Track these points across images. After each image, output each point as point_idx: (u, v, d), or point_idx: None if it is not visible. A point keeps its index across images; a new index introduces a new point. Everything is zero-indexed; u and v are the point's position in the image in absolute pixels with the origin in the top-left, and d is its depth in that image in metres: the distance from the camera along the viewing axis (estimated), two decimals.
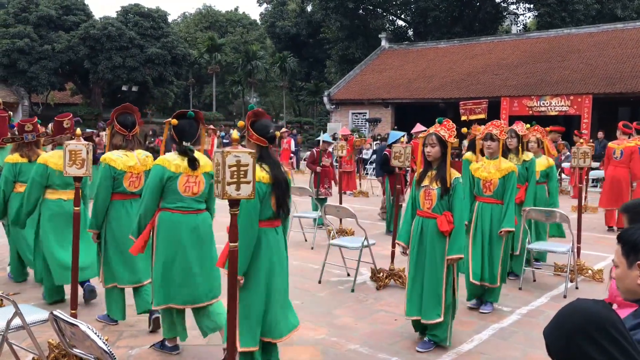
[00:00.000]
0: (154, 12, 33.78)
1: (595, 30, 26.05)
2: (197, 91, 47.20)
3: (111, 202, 4.28)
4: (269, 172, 3.32)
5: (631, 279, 1.76)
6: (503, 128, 5.04)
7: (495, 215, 4.98)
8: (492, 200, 5.00)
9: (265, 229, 3.34)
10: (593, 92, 21.11)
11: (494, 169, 5.01)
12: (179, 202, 3.71)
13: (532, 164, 5.92)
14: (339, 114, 28.88)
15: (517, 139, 5.84)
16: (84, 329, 2.04)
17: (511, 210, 4.94)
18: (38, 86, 29.95)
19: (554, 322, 1.46)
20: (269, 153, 3.40)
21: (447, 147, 4.05)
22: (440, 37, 32.43)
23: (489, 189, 5.02)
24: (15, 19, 29.77)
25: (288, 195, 3.41)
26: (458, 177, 4.07)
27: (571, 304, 1.47)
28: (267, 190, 3.31)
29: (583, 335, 1.37)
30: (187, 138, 3.76)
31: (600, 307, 1.42)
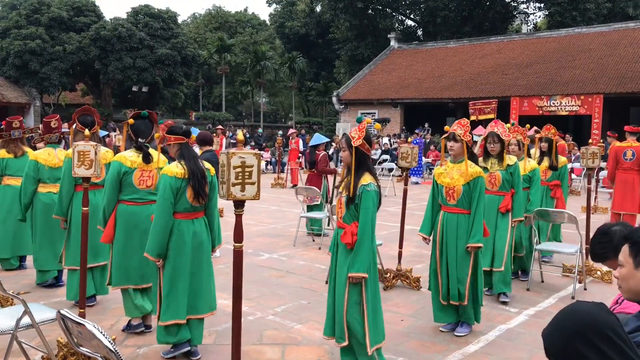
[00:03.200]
0: (164, 13, 33.94)
1: (606, 29, 25.84)
2: (207, 91, 47.39)
3: (76, 192, 4.82)
4: (185, 166, 3.77)
5: (636, 280, 1.75)
6: (468, 128, 4.44)
7: (461, 226, 4.40)
8: (458, 210, 4.41)
9: (181, 220, 3.78)
10: (604, 91, 20.95)
11: (457, 174, 4.42)
12: (134, 194, 4.20)
13: (517, 169, 5.39)
14: (348, 114, 28.87)
15: (500, 144, 5.30)
16: (90, 328, 2.07)
17: (479, 223, 4.34)
18: (49, 87, 30.21)
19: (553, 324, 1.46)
20: (188, 148, 3.92)
21: (359, 152, 3.51)
22: (450, 37, 32.32)
23: (453, 197, 4.42)
24: (27, 21, 30.05)
25: (204, 187, 3.81)
26: (367, 184, 3.48)
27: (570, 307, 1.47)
28: (181, 184, 3.74)
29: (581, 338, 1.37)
30: (142, 136, 4.24)
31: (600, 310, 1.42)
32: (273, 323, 4.72)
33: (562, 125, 20.78)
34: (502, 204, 5.32)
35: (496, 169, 5.33)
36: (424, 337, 4.44)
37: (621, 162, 8.42)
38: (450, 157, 4.52)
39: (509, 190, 5.34)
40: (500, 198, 5.35)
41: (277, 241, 8.17)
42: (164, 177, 3.74)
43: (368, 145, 3.54)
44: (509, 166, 5.34)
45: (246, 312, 4.99)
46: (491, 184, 5.33)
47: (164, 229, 3.71)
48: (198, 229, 3.84)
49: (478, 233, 4.33)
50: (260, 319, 4.82)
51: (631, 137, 8.39)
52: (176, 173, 3.73)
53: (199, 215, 3.89)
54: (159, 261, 3.77)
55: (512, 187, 5.34)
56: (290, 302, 5.27)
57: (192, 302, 3.84)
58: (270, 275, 6.25)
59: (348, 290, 3.48)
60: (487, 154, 5.38)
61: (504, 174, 5.30)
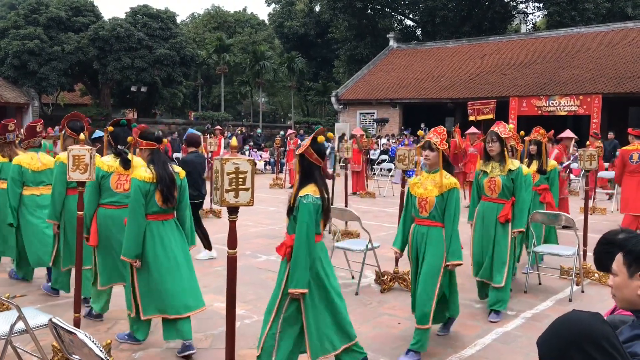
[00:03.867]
0: (163, 13, 33.91)
1: (605, 29, 25.84)
2: (206, 91, 47.35)
3: (67, 197, 4.96)
4: (153, 171, 3.96)
5: (631, 289, 1.75)
6: (445, 137, 4.16)
7: (431, 239, 4.07)
8: (429, 222, 4.11)
9: (152, 221, 3.97)
10: (603, 91, 20.95)
11: (431, 185, 4.10)
12: (112, 198, 4.42)
13: (519, 174, 4.93)
14: (346, 114, 28.86)
15: (499, 143, 4.91)
16: (81, 337, 2.05)
17: (456, 238, 4.03)
18: (48, 87, 30.18)
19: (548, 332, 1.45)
20: (159, 154, 4.09)
21: (305, 160, 3.39)
22: (449, 37, 32.31)
23: (425, 209, 4.10)
24: (25, 21, 30.01)
25: (173, 192, 4.00)
26: (304, 196, 3.31)
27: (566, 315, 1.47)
28: (150, 188, 3.93)
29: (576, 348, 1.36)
30: (121, 142, 4.45)
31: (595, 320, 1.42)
32: None
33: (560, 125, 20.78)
34: (502, 213, 4.90)
35: (496, 173, 4.95)
36: None
37: (628, 165, 8.47)
38: (426, 166, 4.24)
39: (510, 198, 4.94)
40: (499, 206, 4.95)
41: (275, 243, 8.08)
42: (134, 181, 3.96)
43: (317, 156, 3.38)
44: (510, 171, 4.92)
45: (243, 315, 4.98)
46: (490, 190, 5.00)
47: (138, 231, 3.90)
48: (168, 230, 4.04)
49: (458, 250, 4.01)
50: (257, 322, 4.80)
51: (637, 140, 8.47)
52: (145, 177, 3.93)
53: (169, 217, 4.08)
54: (136, 262, 3.94)
55: (512, 195, 4.94)
56: None
57: (169, 302, 3.96)
58: (268, 277, 6.23)
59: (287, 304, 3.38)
60: (487, 156, 5.03)
61: (504, 180, 4.91)
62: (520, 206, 4.93)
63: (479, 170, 5.15)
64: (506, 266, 4.89)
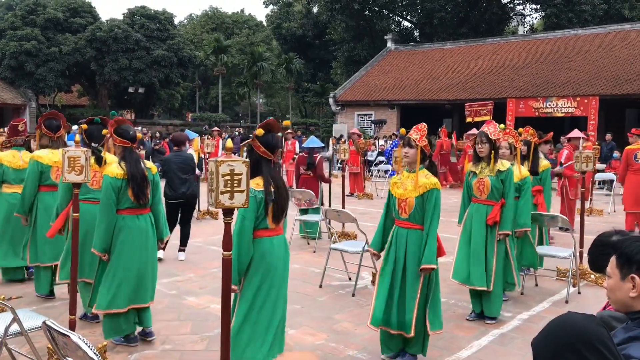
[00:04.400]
0: (160, 14, 33.91)
1: (602, 31, 25.91)
2: (204, 92, 47.35)
3: (41, 193, 5.11)
4: (124, 168, 4.06)
5: (623, 292, 1.75)
6: (425, 133, 3.98)
7: (411, 243, 3.89)
8: (409, 225, 3.91)
9: (124, 216, 4.08)
10: (600, 93, 20.99)
11: (411, 185, 3.91)
12: (88, 194, 4.54)
13: (510, 175, 4.81)
14: (344, 115, 28.87)
15: (489, 145, 4.79)
16: (75, 339, 2.05)
17: (432, 241, 3.82)
18: (45, 88, 30.15)
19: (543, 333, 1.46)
20: (131, 152, 4.18)
21: (253, 154, 3.37)
22: (446, 38, 32.36)
23: (405, 211, 3.91)
24: (22, 22, 29.97)
25: (144, 189, 4.12)
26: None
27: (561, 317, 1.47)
28: (122, 184, 4.04)
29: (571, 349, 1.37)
30: (95, 140, 4.56)
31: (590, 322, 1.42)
32: None
33: (558, 126, 20.84)
34: (490, 216, 4.75)
35: (485, 174, 4.82)
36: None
37: (632, 164, 8.71)
38: (406, 165, 4.04)
39: (499, 200, 4.79)
40: (488, 208, 4.81)
41: None
42: (105, 177, 4.07)
43: (265, 149, 3.34)
44: (499, 172, 4.79)
45: None
46: (479, 191, 4.88)
47: (108, 226, 4.01)
48: (143, 225, 4.16)
49: (432, 253, 3.80)
50: None
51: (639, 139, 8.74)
52: (116, 174, 4.05)
53: (144, 212, 4.20)
54: (105, 255, 4.06)
55: (502, 196, 4.79)
56: None
57: (137, 292, 4.12)
58: None
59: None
60: (477, 157, 4.92)
61: (493, 181, 4.78)
62: (507, 208, 4.80)
63: (469, 171, 5.05)
64: (493, 269, 4.75)
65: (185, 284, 6.02)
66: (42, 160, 5.10)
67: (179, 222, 7.14)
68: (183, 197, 6.92)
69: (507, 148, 5.40)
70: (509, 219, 4.80)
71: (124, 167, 4.07)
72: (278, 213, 3.36)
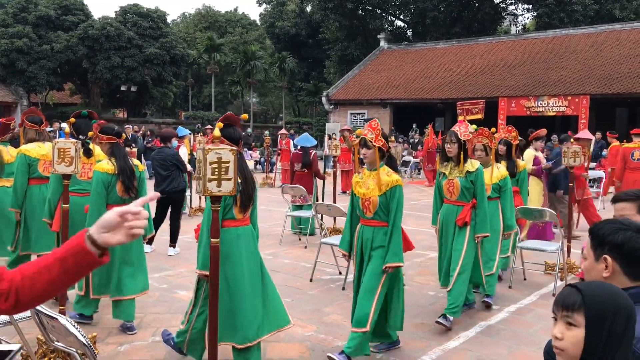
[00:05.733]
0: (153, 12, 33.79)
1: (593, 30, 26.10)
2: (196, 91, 47.24)
3: (30, 186, 5.19)
4: (114, 163, 4.25)
5: (597, 272, 1.81)
6: (379, 132, 3.86)
7: (379, 241, 3.84)
8: (375, 223, 3.88)
9: None
10: (590, 92, 21.16)
11: (373, 184, 3.85)
12: (77, 185, 4.69)
13: (479, 176, 4.65)
14: (337, 114, 28.91)
15: (458, 145, 4.64)
16: (63, 322, 2.07)
17: (397, 238, 3.80)
18: (37, 86, 29.98)
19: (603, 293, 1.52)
20: (119, 147, 4.36)
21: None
22: (439, 38, 32.47)
23: (369, 210, 3.87)
24: (14, 19, 29.79)
25: (133, 182, 4.30)
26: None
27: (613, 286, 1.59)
28: (112, 179, 4.23)
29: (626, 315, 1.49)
30: (82, 133, 4.69)
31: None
32: None
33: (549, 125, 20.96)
34: (460, 216, 4.63)
35: (455, 175, 4.69)
36: (405, 333, 4.47)
37: (629, 162, 8.98)
38: (366, 164, 3.98)
39: (470, 201, 4.65)
40: (458, 209, 4.68)
41: (263, 240, 8.16)
42: (96, 173, 4.25)
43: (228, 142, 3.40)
44: (469, 173, 4.64)
45: None
46: (449, 193, 4.75)
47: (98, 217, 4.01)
48: None
49: (398, 251, 3.77)
50: None
51: (637, 138, 9.03)
52: (107, 169, 4.25)
53: None
54: None
55: (473, 197, 4.66)
56: None
57: (120, 284, 4.29)
58: None
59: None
60: (445, 157, 4.78)
61: (462, 182, 4.64)
62: (482, 210, 4.64)
63: (439, 172, 4.93)
64: (456, 271, 4.55)
65: (176, 278, 6.04)
66: (30, 154, 5.22)
67: (169, 218, 7.17)
68: (163, 194, 6.85)
69: (482, 150, 5.30)
70: (485, 221, 4.63)
71: (114, 163, 4.27)
72: (245, 203, 3.47)
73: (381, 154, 3.89)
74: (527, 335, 4.49)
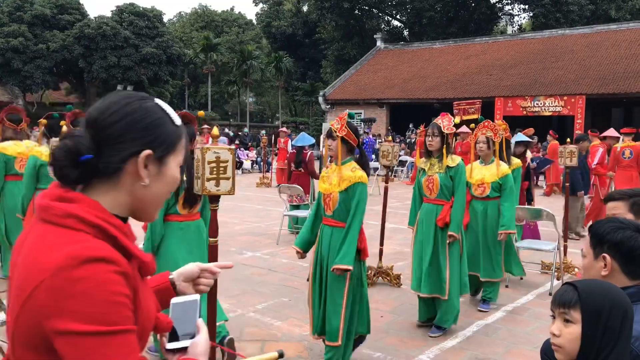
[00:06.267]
0: (149, 11, 33.74)
1: (589, 31, 26.18)
2: (193, 91, 47.16)
3: (6, 182, 5.38)
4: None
5: (595, 270, 1.82)
6: (345, 122, 3.61)
7: (336, 242, 3.51)
8: (333, 222, 3.58)
9: None
10: (586, 92, 21.22)
11: (336, 179, 3.58)
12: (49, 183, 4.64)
13: (460, 171, 4.33)
14: (334, 113, 28.90)
15: (440, 138, 4.33)
16: None
17: (352, 240, 3.45)
18: (32, 85, 29.89)
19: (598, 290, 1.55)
20: None
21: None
22: (436, 38, 32.52)
23: (329, 207, 3.59)
24: (9, 18, 29.69)
25: None
26: None
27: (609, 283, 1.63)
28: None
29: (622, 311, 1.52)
30: (55, 133, 4.83)
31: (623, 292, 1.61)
32: (254, 320, 4.73)
33: (545, 125, 21.02)
34: (440, 216, 4.31)
35: (435, 171, 4.38)
36: (402, 333, 4.48)
37: (620, 161, 9.16)
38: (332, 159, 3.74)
39: (450, 199, 4.35)
40: (438, 208, 4.37)
41: (261, 240, 8.18)
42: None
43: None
44: (449, 168, 4.32)
45: (227, 309, 4.99)
46: (429, 190, 4.44)
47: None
48: None
49: (348, 253, 3.42)
50: (241, 316, 4.84)
51: (627, 137, 9.27)
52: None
53: None
54: None
55: (452, 195, 4.36)
56: (272, 300, 5.29)
57: None
58: (253, 273, 6.25)
59: None
60: (427, 152, 4.47)
61: (442, 178, 4.33)
62: (456, 207, 4.33)
63: (419, 168, 4.60)
64: (447, 275, 4.31)
65: None
66: (6, 152, 5.39)
67: None
68: None
69: (485, 142, 5.02)
70: (457, 219, 4.31)
71: None
72: (190, 200, 3.55)
73: (348, 147, 3.64)
74: (524, 334, 4.51)
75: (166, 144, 1.14)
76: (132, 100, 1.13)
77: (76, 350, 0.95)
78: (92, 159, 1.06)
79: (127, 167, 1.08)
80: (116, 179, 1.09)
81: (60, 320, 0.95)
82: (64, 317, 0.95)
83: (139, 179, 1.09)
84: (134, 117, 1.10)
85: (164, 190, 1.16)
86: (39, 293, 0.96)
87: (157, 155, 1.11)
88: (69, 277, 0.95)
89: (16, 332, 1.02)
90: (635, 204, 2.38)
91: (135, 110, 1.11)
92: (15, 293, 1.02)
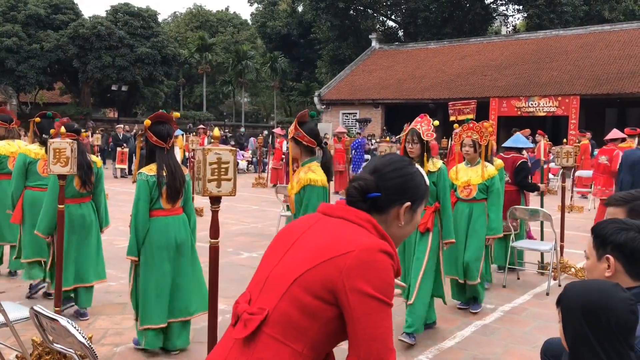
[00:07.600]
0: (144, 11, 33.61)
1: (583, 31, 26.32)
2: (188, 91, 47.03)
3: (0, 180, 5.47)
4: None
5: (599, 271, 1.82)
6: (295, 122, 3.62)
7: None
8: None
9: (69, 204, 4.37)
10: (580, 93, 21.33)
11: (295, 181, 3.58)
12: (39, 181, 4.93)
13: (443, 176, 4.25)
14: (329, 114, 28.93)
15: (420, 145, 4.19)
16: (64, 323, 2.06)
17: None
18: (26, 85, 29.71)
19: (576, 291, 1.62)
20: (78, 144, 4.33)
21: (148, 143, 3.75)
22: (431, 38, 32.59)
23: (292, 209, 3.63)
24: (3, 18, 29.50)
25: (90, 177, 4.55)
26: (139, 173, 3.75)
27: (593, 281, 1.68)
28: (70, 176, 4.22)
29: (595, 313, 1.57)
30: (46, 132, 4.89)
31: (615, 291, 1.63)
32: None
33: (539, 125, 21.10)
34: (422, 221, 4.12)
35: None
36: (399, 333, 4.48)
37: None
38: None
39: (432, 204, 4.24)
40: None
41: (257, 240, 8.18)
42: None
43: (157, 138, 3.70)
44: (430, 173, 4.18)
45: (224, 310, 4.99)
46: None
47: (53, 212, 4.30)
48: (85, 212, 4.61)
49: None
50: None
51: (630, 138, 9.20)
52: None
53: (86, 200, 4.65)
54: (49, 238, 4.52)
55: (436, 200, 4.26)
56: None
57: (79, 272, 4.56)
58: (250, 274, 6.21)
59: None
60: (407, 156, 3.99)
61: None
62: (446, 213, 4.24)
63: None
64: (418, 281, 4.15)
65: None
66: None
67: None
68: None
69: (471, 146, 4.91)
70: (450, 226, 4.26)
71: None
72: (172, 195, 3.72)
73: (304, 148, 3.62)
74: (522, 334, 4.52)
75: (420, 199, 1.55)
76: (407, 164, 1.56)
77: (364, 307, 1.32)
78: (378, 197, 1.48)
79: (393, 210, 1.50)
80: (386, 216, 1.51)
81: (361, 282, 1.32)
82: (364, 281, 1.32)
83: (398, 220, 1.51)
84: (406, 178, 1.53)
85: (410, 231, 1.57)
86: (348, 258, 1.34)
87: (413, 207, 1.53)
88: (372, 256, 1.35)
89: (306, 276, 1.36)
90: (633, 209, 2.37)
91: (410, 174, 1.54)
92: (315, 252, 1.38)
